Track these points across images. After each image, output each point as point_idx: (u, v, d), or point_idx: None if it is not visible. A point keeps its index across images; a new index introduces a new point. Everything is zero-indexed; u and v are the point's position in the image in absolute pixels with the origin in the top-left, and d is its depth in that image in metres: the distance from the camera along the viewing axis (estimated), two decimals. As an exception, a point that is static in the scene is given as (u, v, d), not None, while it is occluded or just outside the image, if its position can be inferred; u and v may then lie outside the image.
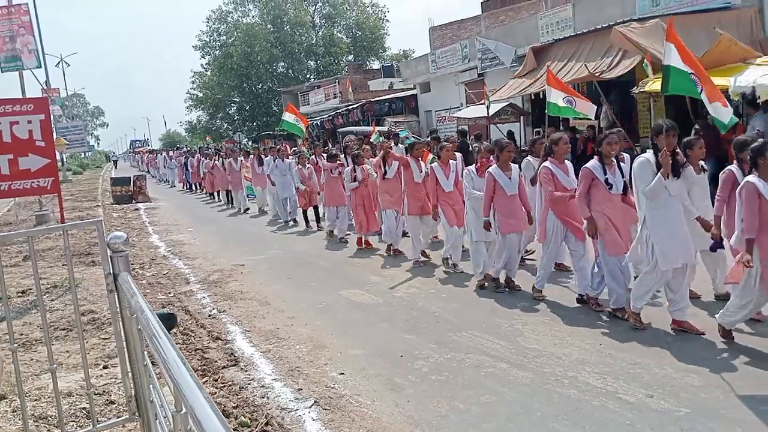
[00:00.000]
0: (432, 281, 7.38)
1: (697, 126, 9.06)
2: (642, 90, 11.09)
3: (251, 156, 16.14)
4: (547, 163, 6.03)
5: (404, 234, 9.11)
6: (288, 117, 14.43)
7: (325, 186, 10.88)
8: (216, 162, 18.58)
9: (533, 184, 7.08)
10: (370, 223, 9.69)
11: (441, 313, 6.11)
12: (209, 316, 6.62)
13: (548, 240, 6.02)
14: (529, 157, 7.47)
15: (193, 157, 24.06)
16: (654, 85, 10.49)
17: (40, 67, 22.40)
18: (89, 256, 9.73)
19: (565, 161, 6.14)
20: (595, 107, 8.77)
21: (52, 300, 6.92)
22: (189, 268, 9.25)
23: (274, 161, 13.44)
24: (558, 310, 5.86)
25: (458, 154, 8.15)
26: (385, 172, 8.93)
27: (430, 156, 8.47)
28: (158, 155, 37.96)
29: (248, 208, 16.12)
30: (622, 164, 5.66)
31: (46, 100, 8.49)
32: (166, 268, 9.39)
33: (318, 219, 12.07)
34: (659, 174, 4.80)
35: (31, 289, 7.69)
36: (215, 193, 19.74)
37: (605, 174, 5.43)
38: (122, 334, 3.07)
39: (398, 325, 5.83)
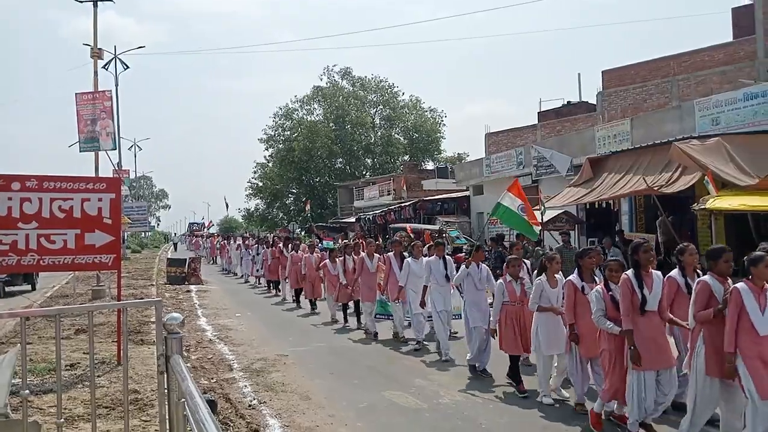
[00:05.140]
0: (480, 390, 7.07)
1: (764, 244, 8.72)
2: (703, 207, 10.87)
3: (385, 252, 11.21)
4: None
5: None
6: (509, 202, 8.81)
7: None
8: (326, 259, 12.77)
9: None
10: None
11: (488, 425, 5.81)
12: (249, 406, 6.50)
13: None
14: None
15: (267, 247, 18.86)
16: (715, 202, 10.30)
17: (115, 149, 23.99)
18: (138, 335, 9.86)
19: None
20: None
21: (98, 376, 6.96)
22: (233, 355, 9.22)
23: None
24: (611, 428, 5.50)
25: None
26: (643, 301, 5.11)
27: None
28: (229, 242, 29.23)
29: (377, 333, 10.42)
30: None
31: (119, 180, 8.97)
32: (211, 352, 9.39)
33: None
34: None
35: (79, 363, 7.79)
36: (313, 300, 14.04)
37: None
38: (167, 417, 3.03)
39: (442, 434, 5.57)
